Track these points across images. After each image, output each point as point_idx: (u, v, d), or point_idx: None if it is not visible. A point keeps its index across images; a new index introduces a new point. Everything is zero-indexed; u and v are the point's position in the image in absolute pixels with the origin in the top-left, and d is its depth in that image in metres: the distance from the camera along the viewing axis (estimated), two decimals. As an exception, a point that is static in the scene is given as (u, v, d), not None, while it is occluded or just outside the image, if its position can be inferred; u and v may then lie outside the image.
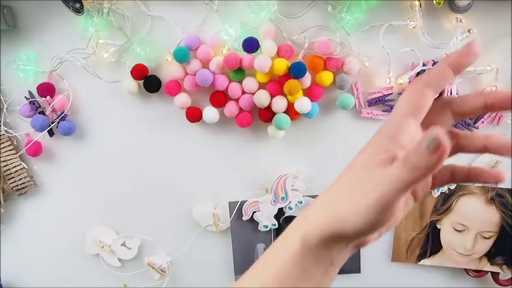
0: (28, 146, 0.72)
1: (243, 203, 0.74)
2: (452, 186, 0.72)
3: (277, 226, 0.75)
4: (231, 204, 0.74)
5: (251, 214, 0.74)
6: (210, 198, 0.75)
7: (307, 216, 0.35)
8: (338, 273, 0.33)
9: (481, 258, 0.75)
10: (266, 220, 0.74)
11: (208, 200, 0.75)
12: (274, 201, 0.73)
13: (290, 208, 0.73)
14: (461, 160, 0.73)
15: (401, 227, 0.75)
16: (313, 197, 0.74)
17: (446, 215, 0.74)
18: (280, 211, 0.74)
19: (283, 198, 0.73)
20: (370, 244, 0.35)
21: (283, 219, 0.75)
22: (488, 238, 0.74)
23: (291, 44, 0.67)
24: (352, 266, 0.76)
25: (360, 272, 0.77)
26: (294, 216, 0.74)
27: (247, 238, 0.76)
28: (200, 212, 0.75)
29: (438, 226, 0.75)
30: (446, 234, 0.75)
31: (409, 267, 0.78)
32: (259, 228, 0.74)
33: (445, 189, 0.72)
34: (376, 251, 0.77)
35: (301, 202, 0.73)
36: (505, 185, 0.72)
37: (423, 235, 0.76)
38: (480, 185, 0.72)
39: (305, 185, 0.73)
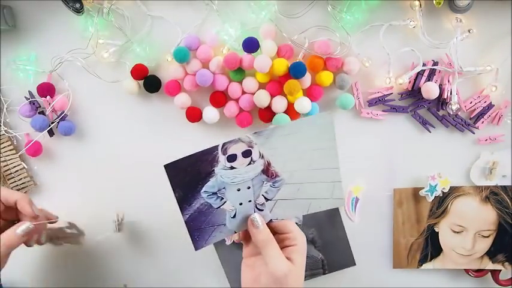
0: (28, 146, 0.72)
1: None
2: (446, 189, 0.72)
3: None
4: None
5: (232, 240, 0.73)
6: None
7: None
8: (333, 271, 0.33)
9: (482, 257, 0.75)
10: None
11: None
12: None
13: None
14: (460, 162, 0.73)
15: (400, 233, 0.75)
16: None
17: (443, 217, 0.74)
18: None
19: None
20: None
21: None
22: (487, 237, 0.74)
23: (291, 44, 0.67)
24: (346, 259, 0.76)
25: (355, 265, 0.77)
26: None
27: (237, 258, 0.74)
28: None
29: (436, 229, 0.75)
30: (445, 236, 0.75)
31: (410, 272, 0.78)
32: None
33: (438, 192, 0.72)
34: (376, 260, 0.77)
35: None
36: (500, 183, 0.72)
37: (422, 239, 0.75)
38: (474, 185, 0.73)
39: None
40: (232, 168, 0.56)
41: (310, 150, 0.57)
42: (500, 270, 0.76)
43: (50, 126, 0.71)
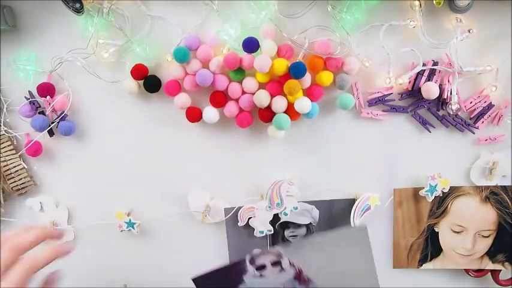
0: (28, 146, 0.72)
1: (238, 209, 0.73)
2: (446, 189, 0.72)
3: (272, 232, 0.74)
4: (227, 211, 0.74)
5: (247, 220, 0.74)
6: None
7: None
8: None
9: (482, 257, 0.75)
10: (261, 226, 0.74)
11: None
12: (270, 207, 0.72)
13: (285, 214, 0.73)
14: (460, 162, 0.73)
15: (400, 233, 0.75)
16: (310, 202, 0.74)
17: (443, 217, 0.74)
18: (276, 217, 0.74)
19: (278, 204, 0.72)
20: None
21: (279, 225, 0.75)
22: (487, 237, 0.74)
23: (291, 44, 0.67)
24: None
25: None
26: (290, 222, 0.74)
27: (243, 244, 0.76)
28: (195, 197, 0.75)
29: (436, 229, 0.75)
30: (445, 236, 0.75)
31: (409, 272, 0.77)
32: (254, 234, 0.74)
33: (438, 192, 0.72)
34: (376, 260, 0.76)
35: (296, 208, 0.73)
36: (500, 183, 0.72)
37: (422, 240, 0.75)
38: (474, 185, 0.73)
39: (300, 191, 0.72)
40: (262, 276, 0.57)
41: (344, 260, 0.59)
42: (500, 270, 0.76)
43: (50, 126, 0.71)
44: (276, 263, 0.58)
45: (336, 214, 0.75)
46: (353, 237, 0.59)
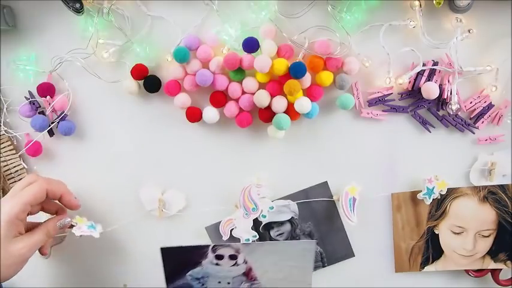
0: (28, 146, 0.72)
1: (218, 225, 0.73)
2: (444, 191, 0.72)
3: (258, 236, 0.74)
4: (209, 228, 0.75)
5: (229, 233, 0.73)
6: (211, 199, 0.75)
7: None
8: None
9: (483, 257, 0.75)
10: (246, 234, 0.73)
11: (206, 199, 0.75)
12: (246, 214, 0.72)
13: (264, 216, 0.72)
14: (460, 162, 0.73)
15: (400, 237, 0.75)
16: (285, 197, 0.74)
17: (442, 219, 0.74)
18: (257, 221, 0.73)
19: (254, 209, 0.72)
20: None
21: (263, 227, 0.74)
22: (488, 236, 0.74)
23: (291, 44, 0.67)
24: (345, 251, 0.77)
25: (354, 256, 0.77)
26: (272, 222, 0.74)
27: None
28: (146, 194, 0.75)
29: (436, 231, 0.75)
30: (445, 238, 0.75)
31: (410, 275, 0.77)
32: (241, 243, 0.74)
33: (436, 194, 0.72)
34: (378, 264, 0.77)
35: (272, 207, 0.72)
36: (497, 182, 0.72)
37: (423, 242, 0.75)
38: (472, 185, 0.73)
39: (272, 191, 0.72)
40: (217, 264, 0.69)
41: (289, 267, 0.70)
42: (500, 270, 0.76)
43: (50, 126, 0.71)
44: (233, 257, 0.68)
45: (314, 201, 0.74)
46: (300, 249, 0.69)
